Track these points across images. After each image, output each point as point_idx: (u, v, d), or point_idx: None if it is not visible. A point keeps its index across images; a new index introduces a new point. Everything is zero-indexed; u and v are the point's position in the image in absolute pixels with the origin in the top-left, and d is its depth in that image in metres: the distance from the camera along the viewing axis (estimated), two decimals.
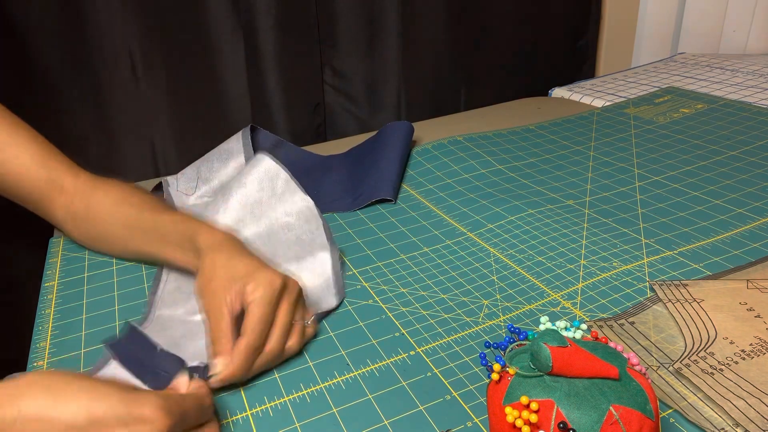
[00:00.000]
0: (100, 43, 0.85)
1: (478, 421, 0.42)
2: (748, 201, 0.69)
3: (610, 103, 1.07)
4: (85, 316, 0.56)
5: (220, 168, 0.75)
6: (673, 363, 0.44)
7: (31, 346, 0.52)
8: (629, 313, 0.51)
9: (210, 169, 0.75)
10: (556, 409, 0.33)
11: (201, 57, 0.92)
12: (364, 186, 0.77)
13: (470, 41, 1.14)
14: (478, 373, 0.46)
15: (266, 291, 0.46)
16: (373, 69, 1.06)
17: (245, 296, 0.46)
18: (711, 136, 0.88)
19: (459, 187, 0.78)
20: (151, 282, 0.61)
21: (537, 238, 0.64)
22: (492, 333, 0.51)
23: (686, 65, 1.25)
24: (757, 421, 0.39)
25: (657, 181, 0.76)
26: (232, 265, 0.48)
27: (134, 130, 0.92)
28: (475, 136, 0.92)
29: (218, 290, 0.47)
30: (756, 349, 0.45)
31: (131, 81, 0.89)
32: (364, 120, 1.08)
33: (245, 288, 0.46)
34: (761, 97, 1.01)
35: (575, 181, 0.78)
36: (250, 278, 0.47)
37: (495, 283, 0.57)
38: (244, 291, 0.46)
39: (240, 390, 0.46)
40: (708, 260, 0.58)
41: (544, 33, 1.23)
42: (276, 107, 0.99)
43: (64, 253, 0.67)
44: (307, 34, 0.98)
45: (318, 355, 0.49)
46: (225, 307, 0.46)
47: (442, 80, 1.14)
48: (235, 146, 0.77)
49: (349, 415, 0.43)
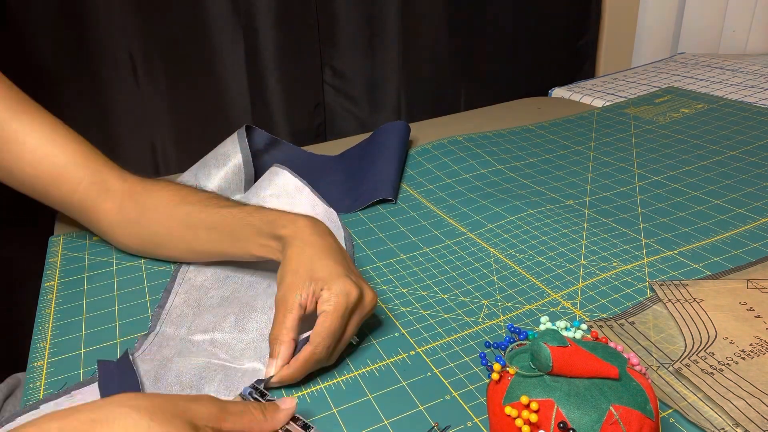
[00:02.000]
0: (100, 43, 0.85)
1: (478, 421, 0.42)
2: (748, 201, 0.69)
3: (610, 103, 1.07)
4: (85, 316, 0.56)
5: (217, 172, 0.74)
6: (673, 363, 0.44)
7: (31, 346, 0.52)
8: (629, 313, 0.51)
9: (207, 175, 0.74)
10: (556, 409, 0.33)
11: (201, 57, 0.92)
12: (363, 187, 0.77)
13: (470, 41, 1.14)
14: (478, 373, 0.46)
15: (340, 304, 0.45)
16: (373, 69, 1.06)
17: (320, 303, 0.46)
18: (711, 136, 0.88)
19: (459, 187, 0.78)
20: (150, 282, 0.61)
21: (537, 238, 0.64)
22: (492, 333, 0.51)
23: (686, 65, 1.25)
24: (757, 421, 0.39)
25: (657, 181, 0.76)
26: (314, 265, 0.47)
27: (134, 130, 0.92)
28: (475, 136, 0.92)
29: (294, 287, 0.46)
30: (756, 349, 0.45)
31: (131, 81, 0.89)
32: (364, 120, 1.08)
33: (321, 293, 0.46)
34: (761, 97, 1.01)
35: (575, 181, 0.78)
36: (328, 285, 0.46)
37: (495, 283, 0.57)
38: (319, 295, 0.46)
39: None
40: (708, 260, 0.58)
41: (544, 33, 1.23)
42: (276, 107, 0.99)
43: (64, 253, 0.67)
44: (307, 34, 0.98)
45: None
46: (298, 303, 0.46)
47: (442, 80, 1.14)
48: (231, 149, 0.76)
49: (349, 415, 0.43)
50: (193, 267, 0.62)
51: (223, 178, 0.74)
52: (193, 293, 0.58)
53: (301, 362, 0.45)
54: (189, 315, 0.55)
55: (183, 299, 0.57)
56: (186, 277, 0.61)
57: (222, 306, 0.56)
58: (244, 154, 0.75)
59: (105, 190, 0.60)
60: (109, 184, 0.60)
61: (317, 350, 0.45)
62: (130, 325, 0.54)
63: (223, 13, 0.91)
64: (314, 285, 0.46)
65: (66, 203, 0.61)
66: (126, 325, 0.54)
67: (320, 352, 0.45)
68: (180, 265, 0.62)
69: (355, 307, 0.46)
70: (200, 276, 0.61)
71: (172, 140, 0.94)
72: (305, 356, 0.45)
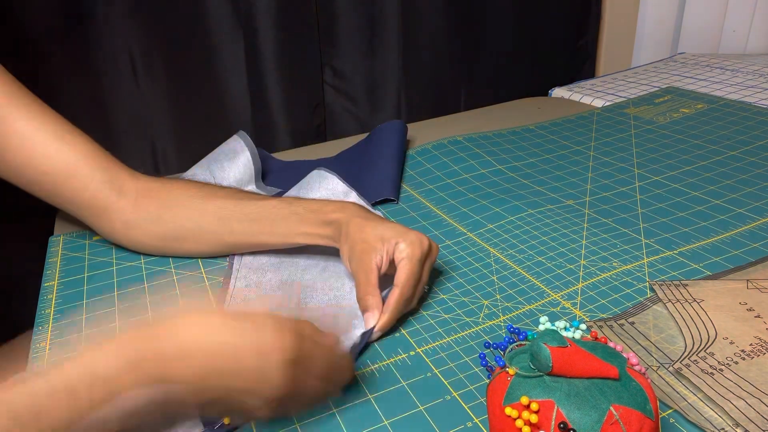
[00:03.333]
0: (100, 43, 0.85)
1: (478, 421, 0.42)
2: (748, 201, 0.69)
3: (610, 103, 1.07)
4: (85, 316, 0.56)
5: (230, 165, 0.77)
6: (673, 363, 0.44)
7: (31, 345, 0.52)
8: (629, 313, 0.51)
9: (221, 168, 0.76)
10: (556, 409, 0.33)
11: (201, 57, 0.92)
12: (365, 187, 0.77)
13: (470, 41, 1.14)
14: (478, 373, 0.46)
15: (416, 249, 0.51)
16: (373, 69, 1.06)
17: (397, 254, 0.51)
18: (711, 136, 0.88)
19: (459, 187, 0.78)
20: (150, 282, 0.60)
21: (537, 238, 0.64)
22: (492, 333, 0.51)
23: (686, 65, 1.25)
24: (757, 421, 0.39)
25: (657, 181, 0.76)
26: (380, 229, 0.52)
27: (134, 130, 0.92)
28: (475, 136, 0.92)
29: (368, 251, 0.51)
30: (756, 349, 0.45)
31: (131, 81, 0.89)
32: (364, 120, 1.08)
33: (397, 246, 0.51)
34: (761, 97, 1.01)
35: (575, 181, 0.78)
36: (401, 238, 0.51)
37: (495, 283, 0.57)
38: (395, 249, 0.51)
39: None
40: (708, 260, 0.58)
41: (544, 33, 1.23)
42: (276, 107, 0.99)
43: (64, 252, 0.67)
44: (307, 34, 0.98)
45: None
46: (375, 264, 0.51)
47: (442, 80, 1.14)
48: (236, 146, 0.78)
49: (349, 415, 0.43)
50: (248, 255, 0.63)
51: (236, 171, 0.77)
52: (252, 277, 0.60)
53: (393, 305, 0.49)
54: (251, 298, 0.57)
55: (244, 283, 0.59)
56: (243, 262, 0.62)
57: (282, 289, 0.58)
58: (250, 148, 0.78)
59: (117, 188, 0.60)
60: (120, 182, 0.60)
61: (404, 291, 0.50)
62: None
63: (223, 13, 0.91)
64: (387, 245, 0.51)
65: (76, 202, 0.60)
66: (126, 325, 0.54)
67: (407, 293, 0.50)
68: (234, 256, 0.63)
69: (427, 253, 0.52)
70: (256, 262, 0.62)
71: (172, 140, 0.94)
72: (395, 299, 0.49)
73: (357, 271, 0.51)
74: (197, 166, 0.78)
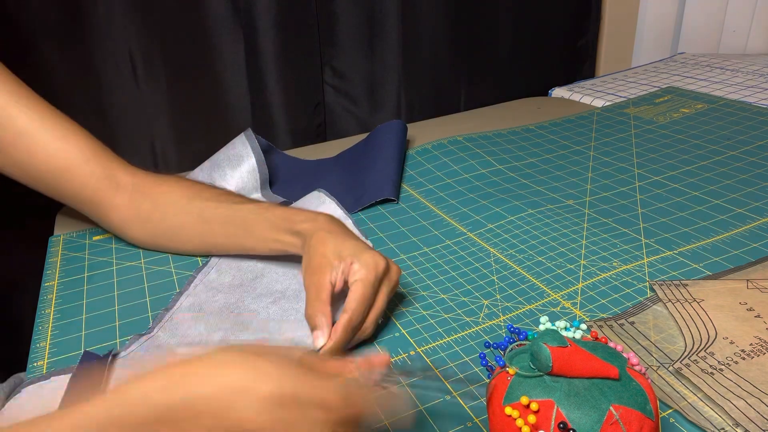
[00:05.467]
0: (100, 43, 0.85)
1: (478, 421, 0.42)
2: (748, 201, 0.69)
3: (610, 103, 1.07)
4: (85, 316, 0.56)
5: (233, 173, 0.75)
6: (673, 363, 0.44)
7: (31, 346, 0.52)
8: (629, 313, 0.51)
9: (223, 176, 0.75)
10: (556, 409, 0.33)
11: (201, 57, 0.92)
12: (365, 187, 0.77)
13: (470, 41, 1.14)
14: (478, 373, 0.46)
15: (370, 272, 0.48)
16: (373, 69, 1.06)
17: (350, 275, 0.48)
18: (711, 136, 0.88)
19: (459, 187, 0.78)
20: (150, 282, 0.61)
21: (537, 238, 0.64)
22: (492, 333, 0.51)
23: (686, 65, 1.25)
24: (757, 421, 0.39)
25: (657, 181, 0.76)
26: (340, 245, 0.50)
27: (134, 130, 0.92)
28: (475, 136, 0.92)
29: (324, 266, 0.49)
30: (756, 349, 0.45)
31: (131, 81, 0.89)
32: (364, 120, 1.08)
33: (351, 267, 0.48)
34: (761, 97, 1.01)
35: (575, 181, 0.78)
36: (356, 258, 0.48)
37: (495, 283, 0.57)
38: (349, 270, 0.48)
39: None
40: (708, 260, 0.58)
41: (544, 33, 1.23)
42: (276, 107, 0.99)
43: (64, 253, 0.67)
44: (307, 34, 0.98)
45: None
46: (329, 281, 0.48)
47: (442, 80, 1.14)
48: (242, 150, 0.76)
49: None
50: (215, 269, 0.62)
51: (239, 178, 0.75)
52: (202, 295, 0.58)
53: (340, 331, 0.46)
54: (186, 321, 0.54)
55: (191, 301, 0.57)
56: (207, 278, 0.60)
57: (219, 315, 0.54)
58: (256, 154, 0.76)
59: (115, 184, 0.61)
60: (118, 178, 0.61)
61: (353, 316, 0.46)
62: (130, 325, 0.54)
63: (223, 13, 0.91)
64: (343, 263, 0.48)
65: (78, 198, 0.62)
66: (126, 325, 0.54)
67: (356, 318, 0.46)
68: (204, 265, 0.62)
69: (383, 276, 0.49)
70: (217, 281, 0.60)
71: (172, 140, 0.94)
72: (343, 325, 0.46)
73: (309, 286, 0.49)
74: (199, 169, 0.78)
